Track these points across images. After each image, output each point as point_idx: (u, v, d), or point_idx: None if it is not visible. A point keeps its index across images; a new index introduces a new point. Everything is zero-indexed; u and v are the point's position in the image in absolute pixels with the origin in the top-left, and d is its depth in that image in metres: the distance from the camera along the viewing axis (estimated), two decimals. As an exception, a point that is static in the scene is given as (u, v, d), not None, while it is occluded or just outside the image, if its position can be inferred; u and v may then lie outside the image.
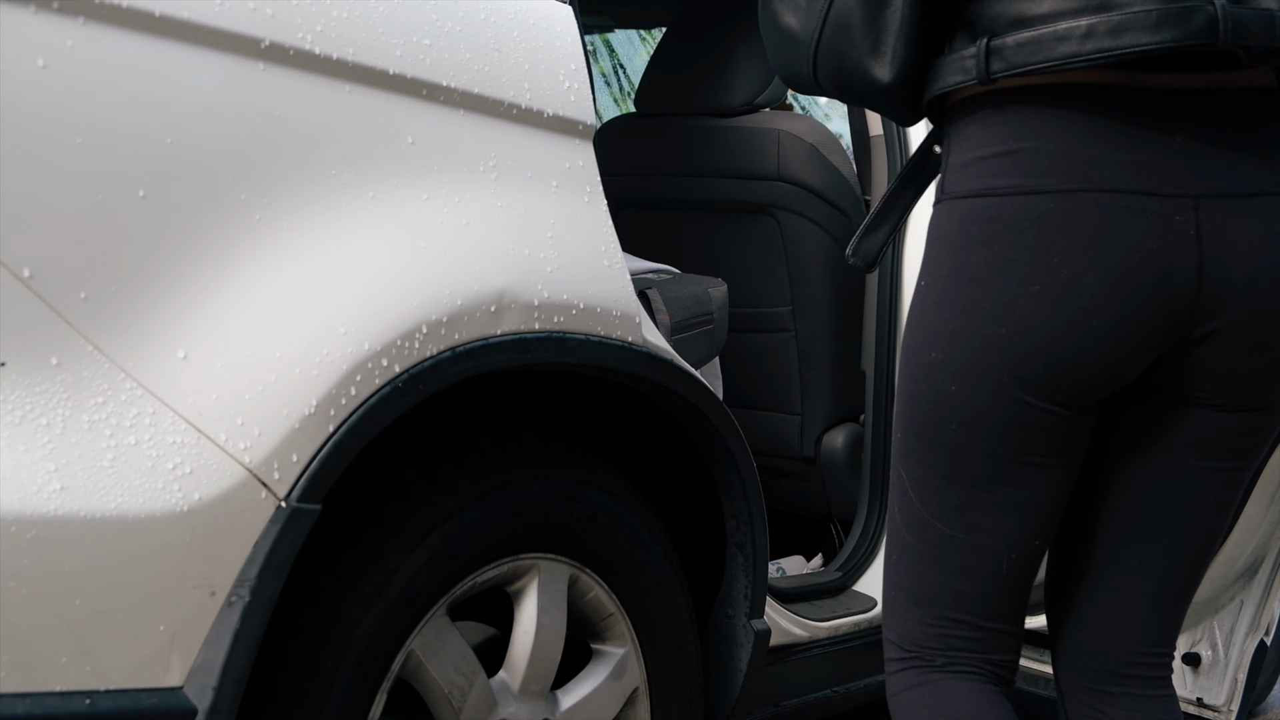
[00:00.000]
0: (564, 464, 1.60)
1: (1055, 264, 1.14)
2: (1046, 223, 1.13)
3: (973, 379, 1.19)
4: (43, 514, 1.09)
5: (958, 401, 1.20)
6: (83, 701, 1.12)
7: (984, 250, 1.16)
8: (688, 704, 1.78)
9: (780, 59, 1.30)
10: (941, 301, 1.20)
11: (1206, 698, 1.96)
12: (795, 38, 1.25)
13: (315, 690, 1.34)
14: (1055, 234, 1.13)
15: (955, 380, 1.20)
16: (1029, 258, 1.14)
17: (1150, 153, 1.13)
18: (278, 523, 1.22)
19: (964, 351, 1.18)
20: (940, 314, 1.20)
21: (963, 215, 1.18)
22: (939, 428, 1.22)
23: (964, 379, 1.19)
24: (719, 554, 1.83)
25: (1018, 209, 1.14)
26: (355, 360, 1.28)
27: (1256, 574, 1.94)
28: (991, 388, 1.18)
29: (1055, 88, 1.14)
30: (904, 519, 1.29)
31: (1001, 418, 1.19)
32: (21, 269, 1.11)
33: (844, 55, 1.21)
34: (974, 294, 1.17)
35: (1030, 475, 1.22)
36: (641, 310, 1.61)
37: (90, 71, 1.17)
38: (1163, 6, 1.08)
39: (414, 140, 1.40)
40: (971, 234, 1.17)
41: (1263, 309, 1.16)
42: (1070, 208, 1.13)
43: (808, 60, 1.24)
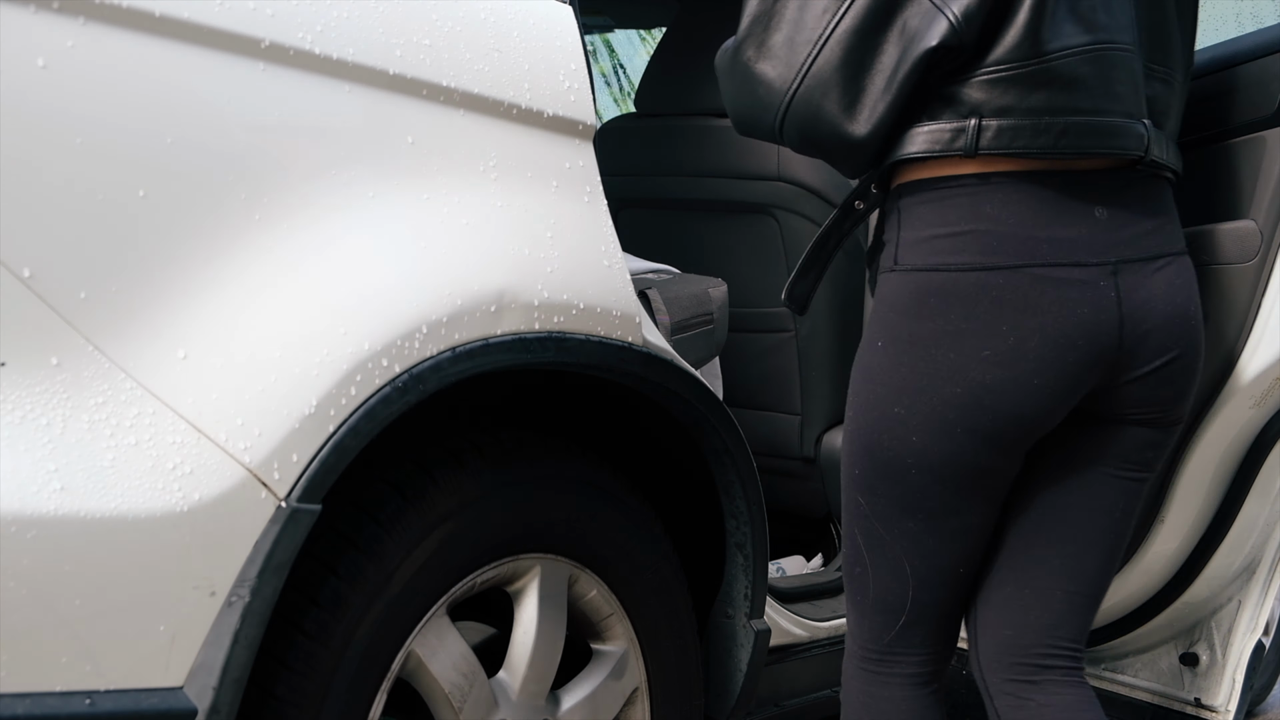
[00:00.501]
0: (564, 464, 1.60)
1: (1004, 331, 1.31)
2: (996, 295, 1.31)
3: (931, 431, 1.35)
4: (43, 514, 1.09)
5: (918, 450, 1.37)
6: (83, 701, 1.12)
7: (940, 320, 1.33)
8: (688, 704, 1.78)
9: (743, 104, 1.39)
10: (901, 363, 1.36)
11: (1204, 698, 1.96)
12: (770, 85, 1.34)
13: (315, 690, 1.34)
14: (1004, 305, 1.31)
15: (916, 433, 1.36)
16: (980, 327, 1.32)
17: (1079, 228, 1.33)
18: (278, 523, 1.22)
19: (924, 408, 1.35)
20: (901, 374, 1.36)
21: (918, 286, 1.35)
22: (900, 471, 1.39)
23: (923, 431, 1.36)
24: (719, 554, 1.83)
25: (971, 283, 1.32)
26: (355, 360, 1.28)
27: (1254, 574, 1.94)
28: (947, 439, 1.35)
29: (1005, 174, 1.32)
30: (866, 542, 1.46)
31: (956, 464, 1.37)
32: (21, 269, 1.11)
33: (819, 109, 1.32)
34: (932, 358, 1.34)
35: (977, 507, 1.41)
36: (642, 310, 1.61)
37: (90, 71, 1.16)
38: (1120, 121, 1.33)
39: (414, 140, 1.40)
40: (929, 304, 1.34)
41: (1169, 351, 1.38)
42: (1017, 282, 1.31)
43: (778, 109, 1.34)
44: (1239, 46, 1.79)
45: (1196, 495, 1.84)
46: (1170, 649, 2.02)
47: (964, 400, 1.32)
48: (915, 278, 1.35)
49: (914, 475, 1.38)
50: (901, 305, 1.36)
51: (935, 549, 1.42)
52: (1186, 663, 1.99)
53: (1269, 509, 1.89)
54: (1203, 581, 1.93)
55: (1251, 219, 1.71)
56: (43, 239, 1.13)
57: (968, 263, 1.31)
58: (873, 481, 1.42)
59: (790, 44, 1.32)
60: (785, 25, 1.33)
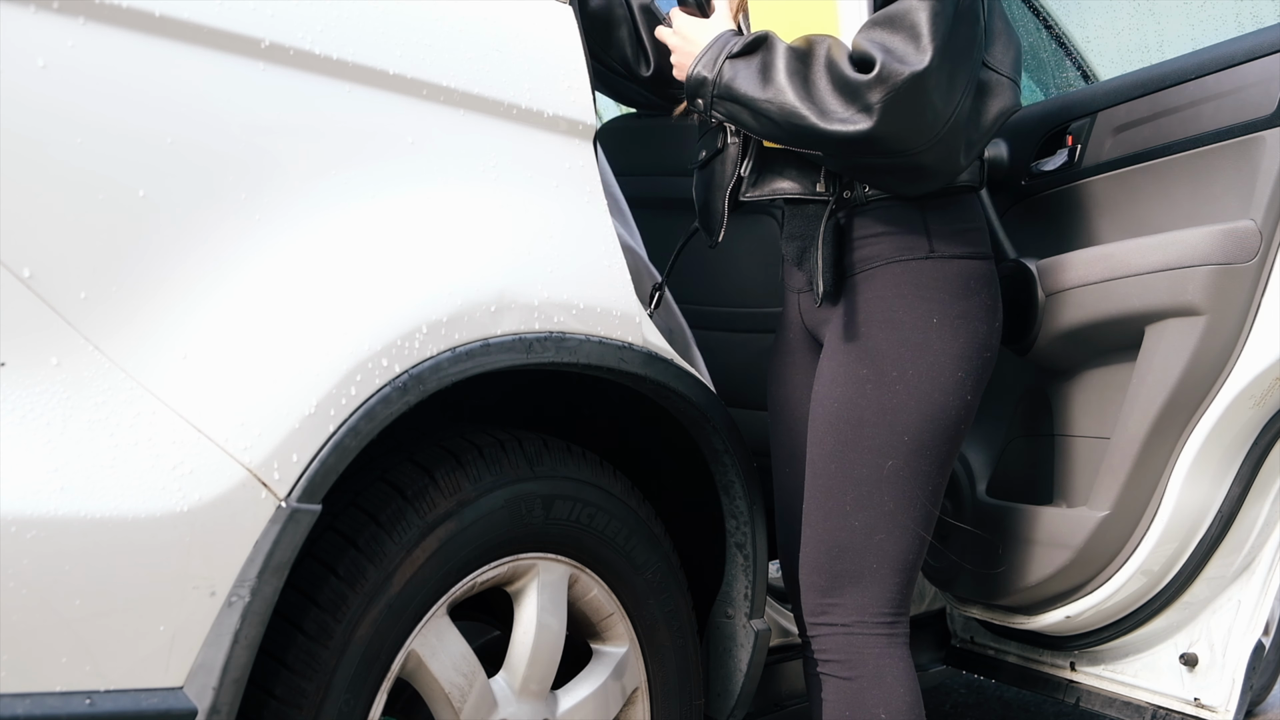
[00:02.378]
0: (564, 464, 1.60)
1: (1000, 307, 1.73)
2: (995, 277, 1.71)
3: (978, 389, 1.68)
4: (43, 514, 1.09)
5: (970, 407, 1.67)
6: (83, 701, 1.12)
7: (977, 298, 1.67)
8: (688, 704, 1.78)
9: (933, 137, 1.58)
10: (959, 332, 1.65)
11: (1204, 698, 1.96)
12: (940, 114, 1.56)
13: (315, 690, 1.34)
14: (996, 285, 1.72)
15: (971, 391, 1.66)
16: (995, 303, 1.71)
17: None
18: (278, 523, 1.22)
19: (975, 370, 1.66)
20: (958, 342, 1.65)
21: (960, 271, 1.66)
22: (954, 426, 1.66)
23: (975, 390, 1.67)
24: (719, 554, 1.83)
25: (989, 269, 1.71)
26: (355, 360, 1.28)
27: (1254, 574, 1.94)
28: (979, 393, 1.68)
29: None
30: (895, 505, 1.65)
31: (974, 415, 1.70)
32: (21, 269, 1.11)
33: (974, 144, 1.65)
34: (975, 330, 1.67)
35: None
36: (642, 310, 1.61)
37: (90, 71, 1.16)
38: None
39: (414, 140, 1.40)
40: (970, 286, 1.67)
41: None
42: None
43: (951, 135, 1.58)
44: (1239, 46, 1.79)
45: (1195, 495, 1.84)
46: (1170, 649, 2.01)
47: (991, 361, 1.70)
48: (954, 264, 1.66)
49: (962, 430, 1.67)
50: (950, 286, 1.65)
51: (942, 496, 1.69)
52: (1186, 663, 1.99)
53: (1269, 509, 1.89)
54: (1203, 581, 1.93)
55: (1251, 219, 1.71)
56: (43, 239, 1.13)
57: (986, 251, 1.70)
58: (926, 442, 1.64)
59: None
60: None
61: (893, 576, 1.65)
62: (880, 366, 1.63)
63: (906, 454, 1.63)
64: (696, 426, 1.72)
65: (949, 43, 1.49)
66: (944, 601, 2.41)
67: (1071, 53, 2.83)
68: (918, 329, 1.63)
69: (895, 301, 1.64)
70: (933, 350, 1.63)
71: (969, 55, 1.54)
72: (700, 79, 1.63)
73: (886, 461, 1.63)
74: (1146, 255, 1.82)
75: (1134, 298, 1.82)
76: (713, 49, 1.64)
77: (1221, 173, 1.77)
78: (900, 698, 1.63)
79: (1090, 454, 1.96)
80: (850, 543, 1.65)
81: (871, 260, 1.66)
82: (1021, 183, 2.11)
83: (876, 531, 1.64)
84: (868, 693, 1.64)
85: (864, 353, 1.64)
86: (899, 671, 1.65)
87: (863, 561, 1.65)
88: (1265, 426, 1.81)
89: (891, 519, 1.64)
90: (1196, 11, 2.40)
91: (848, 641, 1.66)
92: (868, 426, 1.63)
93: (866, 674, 1.64)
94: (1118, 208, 1.94)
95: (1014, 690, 3.26)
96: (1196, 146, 1.81)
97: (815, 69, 1.54)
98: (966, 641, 2.39)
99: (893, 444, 1.63)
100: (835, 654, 1.67)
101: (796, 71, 1.55)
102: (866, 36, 1.52)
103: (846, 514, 1.64)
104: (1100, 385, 1.96)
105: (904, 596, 1.67)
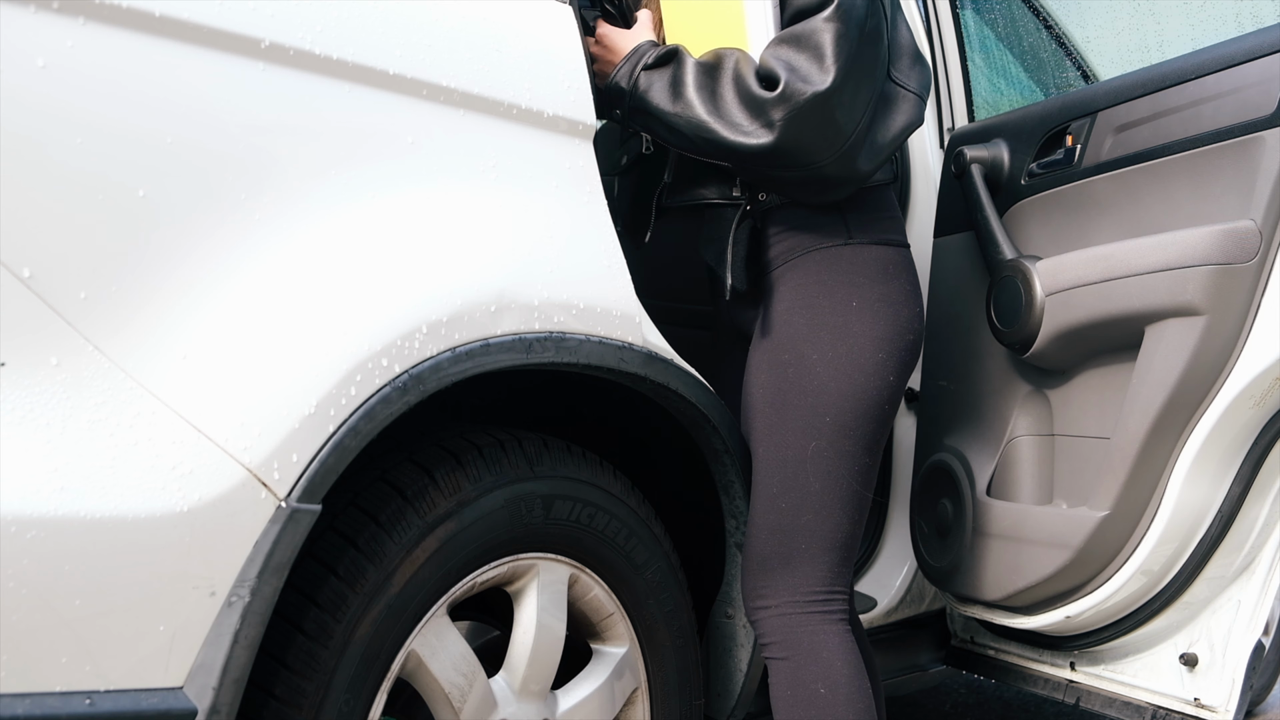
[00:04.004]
0: (563, 464, 1.60)
1: (920, 292, 1.77)
2: (912, 263, 1.78)
3: (902, 371, 1.72)
4: (43, 514, 1.09)
5: (894, 388, 1.71)
6: (83, 701, 1.12)
7: (896, 282, 1.73)
8: (688, 704, 1.78)
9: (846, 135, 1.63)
10: (880, 316, 1.70)
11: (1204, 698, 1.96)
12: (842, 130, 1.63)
13: (315, 690, 1.34)
14: (912, 272, 1.78)
15: (893, 372, 1.71)
16: (913, 288, 1.76)
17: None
18: (278, 523, 1.22)
19: (898, 352, 1.71)
20: (878, 324, 1.69)
21: (878, 256, 1.72)
22: (878, 408, 1.70)
23: (897, 372, 1.71)
24: (719, 554, 1.83)
25: (906, 255, 1.77)
26: (355, 360, 1.28)
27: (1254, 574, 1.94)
28: (906, 375, 1.73)
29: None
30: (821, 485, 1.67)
31: (900, 398, 1.74)
32: (21, 269, 1.11)
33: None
34: (896, 312, 1.72)
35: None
36: (641, 310, 1.61)
37: (90, 71, 1.16)
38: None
39: (414, 140, 1.40)
40: (889, 270, 1.73)
41: None
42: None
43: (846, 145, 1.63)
44: (1239, 46, 1.79)
45: (1195, 495, 1.84)
46: (1170, 649, 2.02)
47: (915, 343, 1.74)
48: (871, 250, 1.72)
49: (886, 410, 1.70)
50: (868, 271, 1.71)
51: (873, 477, 1.72)
52: (1186, 663, 1.99)
53: (1269, 509, 1.89)
54: (1203, 581, 1.93)
55: (1251, 219, 1.71)
56: (43, 239, 1.13)
57: (902, 239, 1.77)
58: (849, 424, 1.67)
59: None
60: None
61: (823, 555, 1.67)
62: (801, 350, 1.68)
63: (830, 434, 1.66)
64: (696, 426, 1.72)
65: (853, 63, 1.57)
66: (944, 601, 2.41)
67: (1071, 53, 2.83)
68: (837, 312, 1.68)
69: (815, 289, 1.69)
70: (852, 332, 1.67)
71: (872, 74, 1.61)
72: (618, 89, 1.69)
73: (810, 443, 1.66)
74: (1146, 255, 1.82)
75: (1134, 298, 1.82)
76: (630, 60, 1.69)
77: (1221, 173, 1.77)
78: (838, 670, 1.65)
79: (1090, 454, 1.96)
80: (779, 524, 1.67)
81: (791, 252, 1.72)
82: (1021, 183, 2.11)
83: (803, 512, 1.66)
84: (804, 669, 1.65)
85: (786, 339, 1.69)
86: (834, 645, 1.66)
87: (791, 542, 1.67)
88: (1265, 427, 1.81)
89: (819, 499, 1.66)
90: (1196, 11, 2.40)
91: (782, 623, 1.68)
92: (791, 409, 1.67)
93: (802, 652, 1.66)
94: (1118, 208, 1.94)
95: (1014, 690, 3.26)
96: (1196, 146, 1.81)
97: (722, 83, 1.61)
98: (966, 641, 2.39)
99: (815, 425, 1.66)
100: (772, 635, 1.69)
101: (704, 85, 1.62)
102: (774, 54, 1.59)
103: (774, 496, 1.68)
104: (1100, 385, 1.96)
105: (837, 575, 1.69)
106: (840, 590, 1.70)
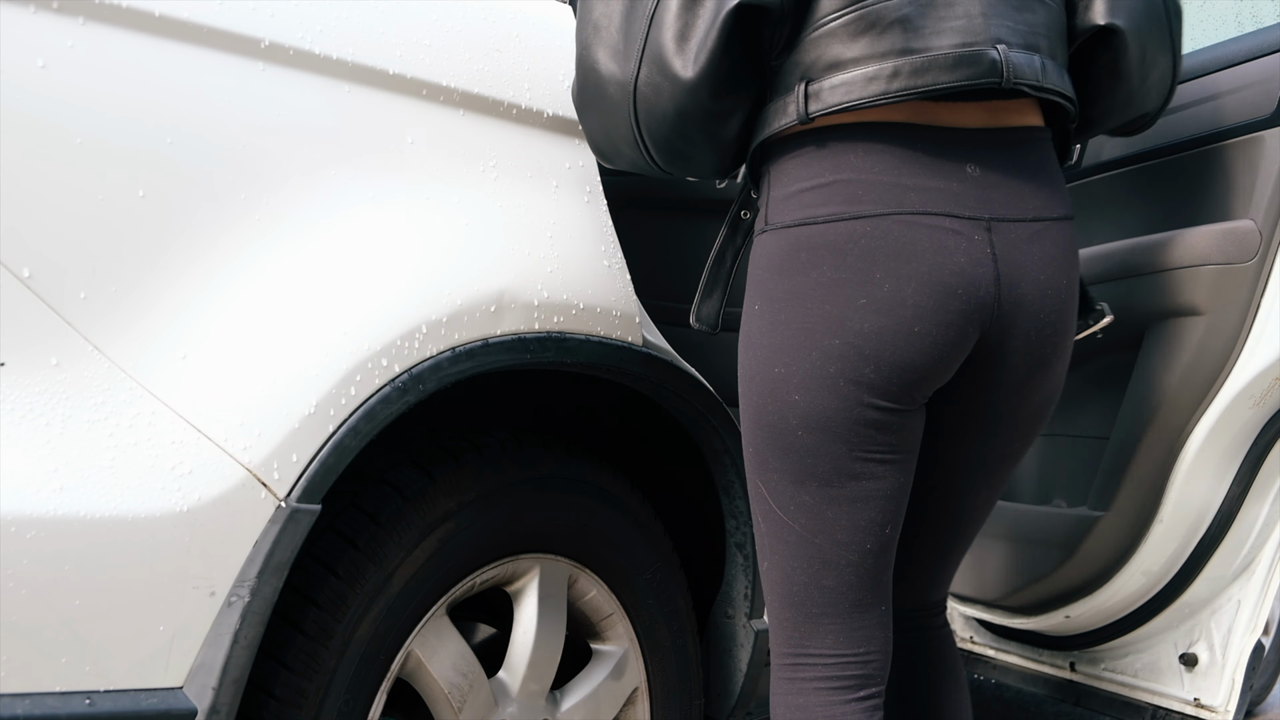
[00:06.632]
0: (563, 464, 1.60)
1: (878, 279, 1.27)
2: (866, 244, 1.27)
3: (813, 387, 1.30)
4: (43, 514, 1.09)
5: (803, 409, 1.31)
6: (83, 701, 1.12)
7: (814, 272, 1.29)
8: (688, 704, 1.78)
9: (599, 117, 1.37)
10: (778, 321, 1.32)
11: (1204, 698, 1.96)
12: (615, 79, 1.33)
13: (315, 690, 1.34)
14: (875, 253, 1.27)
15: (798, 390, 1.31)
16: (853, 276, 1.28)
17: (947, 180, 1.29)
18: (277, 523, 1.22)
19: (804, 363, 1.30)
20: (778, 333, 1.32)
21: (789, 243, 1.31)
22: (787, 435, 1.32)
23: (806, 388, 1.30)
24: (719, 554, 1.83)
25: (839, 234, 1.28)
26: (355, 360, 1.28)
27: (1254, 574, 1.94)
28: (830, 392, 1.30)
29: (866, 125, 1.29)
30: (767, 527, 1.38)
31: (842, 419, 1.30)
32: (21, 269, 1.11)
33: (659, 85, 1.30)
34: (808, 311, 1.30)
35: (873, 469, 1.33)
36: (642, 310, 1.61)
37: (90, 71, 1.16)
38: (956, 51, 1.27)
39: (414, 140, 1.40)
40: (800, 259, 1.30)
41: (1043, 328, 1.34)
42: (885, 229, 1.27)
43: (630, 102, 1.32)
44: (1239, 46, 1.79)
45: (1195, 495, 1.84)
46: (1170, 649, 2.02)
47: (844, 351, 1.28)
48: (785, 235, 1.32)
49: (801, 437, 1.31)
50: (774, 264, 1.32)
51: (835, 520, 1.33)
52: (1186, 663, 1.99)
53: (1268, 509, 1.89)
54: (1203, 581, 1.93)
55: (1251, 219, 1.72)
56: (43, 239, 1.13)
57: (835, 213, 1.28)
58: (765, 456, 1.35)
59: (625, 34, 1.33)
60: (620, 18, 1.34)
61: (779, 610, 1.40)
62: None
63: (756, 470, 1.38)
64: (696, 426, 1.72)
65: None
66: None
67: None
68: (745, 321, 1.38)
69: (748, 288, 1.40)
70: (750, 345, 1.36)
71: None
72: None
73: (754, 481, 1.40)
74: (1146, 255, 1.82)
75: (1134, 298, 1.82)
76: None
77: (1221, 173, 1.77)
78: None
79: (1090, 454, 1.96)
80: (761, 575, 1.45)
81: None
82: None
83: (763, 559, 1.41)
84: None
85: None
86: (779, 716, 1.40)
87: (766, 595, 1.43)
88: (1265, 426, 1.81)
89: (766, 546, 1.40)
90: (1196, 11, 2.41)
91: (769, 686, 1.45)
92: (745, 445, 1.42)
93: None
94: (1117, 208, 1.94)
95: (1014, 690, 3.26)
96: (1196, 147, 1.81)
97: None
98: (966, 641, 2.39)
99: (750, 462, 1.40)
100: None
101: None
102: None
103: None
104: (1100, 385, 1.96)
105: (796, 634, 1.38)
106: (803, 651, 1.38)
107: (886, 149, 1.29)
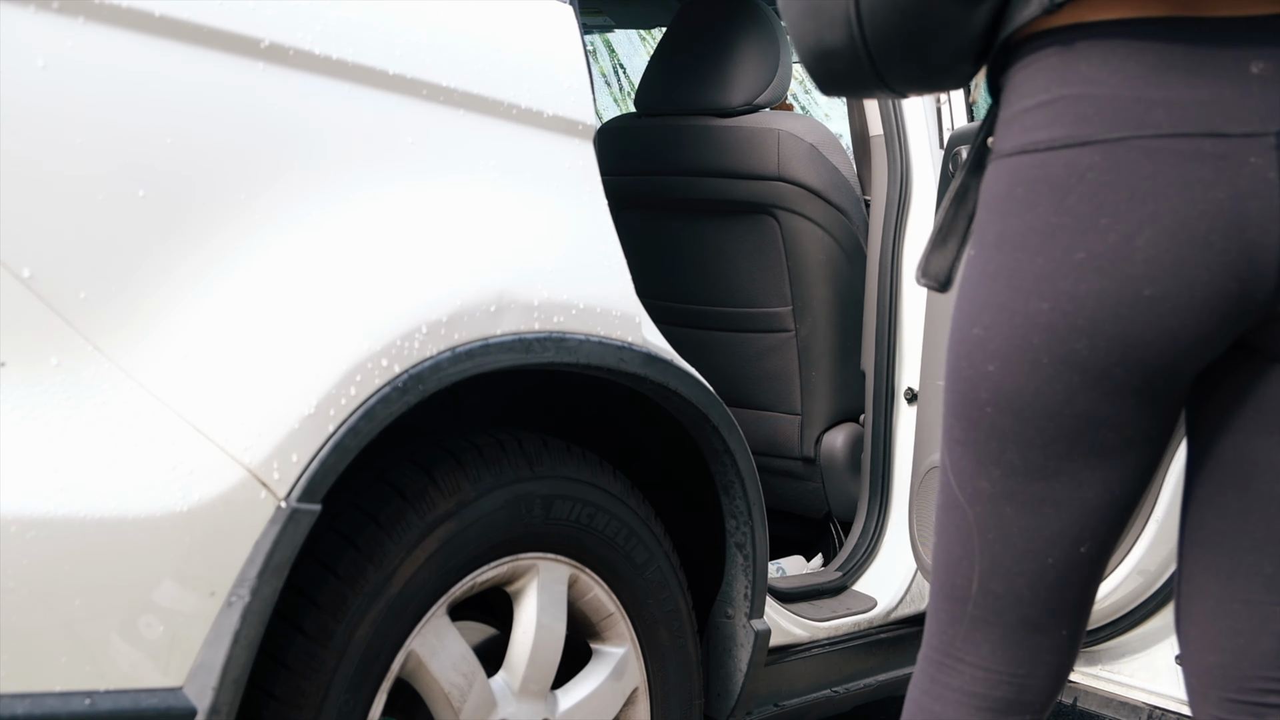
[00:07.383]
0: (563, 464, 1.60)
1: (1103, 226, 0.98)
2: (1093, 180, 0.98)
3: (1012, 358, 1.04)
4: (43, 514, 1.09)
5: (995, 383, 1.05)
6: (83, 701, 1.12)
7: (1029, 214, 1.01)
8: (688, 704, 1.78)
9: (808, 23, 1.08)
10: (987, 272, 1.05)
11: (1205, 698, 1.97)
12: None
13: (315, 690, 1.34)
14: (1104, 192, 0.98)
15: (994, 360, 1.05)
16: (1074, 221, 0.99)
17: (1218, 87, 0.96)
18: (277, 523, 1.22)
19: (1004, 328, 1.04)
20: (985, 286, 1.05)
21: (1008, 176, 1.04)
22: (975, 409, 1.08)
23: (1003, 358, 1.04)
24: (719, 554, 1.83)
25: (1060, 165, 0.99)
26: (355, 360, 1.28)
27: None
28: (1031, 369, 1.03)
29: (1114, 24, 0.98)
30: (944, 499, 1.15)
31: (1042, 404, 1.03)
32: (21, 269, 1.11)
33: None
34: (1017, 265, 1.02)
35: (1075, 471, 1.06)
36: (641, 310, 1.61)
37: (90, 71, 1.16)
38: None
39: (413, 140, 1.40)
40: (1016, 196, 1.02)
41: None
42: (1119, 159, 0.97)
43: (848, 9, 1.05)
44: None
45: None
46: (1167, 649, 2.02)
47: (1052, 319, 1.01)
48: (1005, 165, 1.04)
49: (990, 415, 1.06)
50: (992, 201, 1.06)
51: (1013, 520, 1.08)
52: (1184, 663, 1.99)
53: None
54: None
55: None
56: (43, 239, 1.13)
57: (1055, 138, 1.00)
58: (950, 424, 1.12)
59: None
60: None
61: (935, 599, 1.20)
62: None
63: (944, 434, 1.19)
64: (696, 426, 1.72)
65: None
66: (943, 601, 2.40)
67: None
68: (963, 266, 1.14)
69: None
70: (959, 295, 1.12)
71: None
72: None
73: (942, 445, 1.20)
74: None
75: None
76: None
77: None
78: None
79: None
80: None
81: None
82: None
83: (934, 534, 1.22)
84: None
85: None
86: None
87: (930, 576, 1.23)
88: (1265, 427, 1.81)
89: (938, 522, 1.20)
90: (1196, 12, 2.40)
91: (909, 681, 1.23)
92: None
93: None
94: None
95: None
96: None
97: None
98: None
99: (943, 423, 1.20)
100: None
101: None
102: None
103: None
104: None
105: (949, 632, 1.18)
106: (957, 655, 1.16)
107: (1131, 52, 0.98)
